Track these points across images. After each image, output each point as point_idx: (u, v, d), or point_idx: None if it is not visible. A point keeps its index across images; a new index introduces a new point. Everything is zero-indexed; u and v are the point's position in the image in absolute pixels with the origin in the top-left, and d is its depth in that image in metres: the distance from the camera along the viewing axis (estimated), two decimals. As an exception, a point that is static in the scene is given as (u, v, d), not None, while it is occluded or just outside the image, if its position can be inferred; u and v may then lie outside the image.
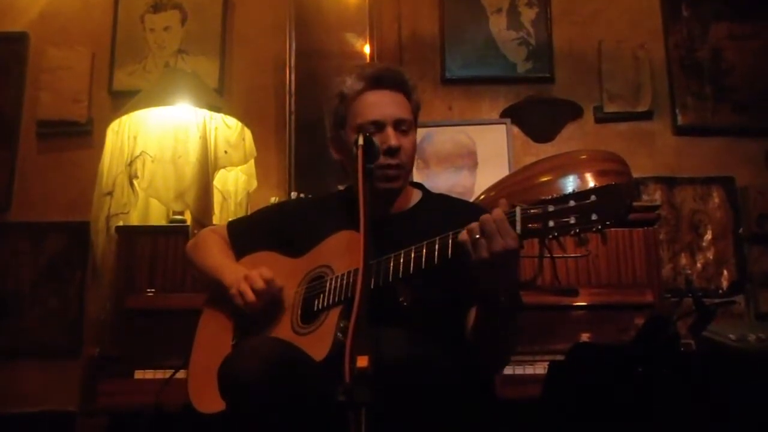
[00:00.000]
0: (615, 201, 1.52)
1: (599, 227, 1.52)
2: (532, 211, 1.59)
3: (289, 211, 2.30)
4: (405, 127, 2.02)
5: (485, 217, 1.63)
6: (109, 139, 3.31)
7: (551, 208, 1.56)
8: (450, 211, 2.04)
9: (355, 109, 2.03)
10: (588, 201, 1.53)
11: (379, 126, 1.99)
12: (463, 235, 1.65)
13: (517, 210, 1.60)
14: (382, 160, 1.96)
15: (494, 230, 1.60)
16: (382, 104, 2.02)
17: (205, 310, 2.19)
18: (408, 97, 2.06)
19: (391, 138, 1.98)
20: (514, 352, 2.05)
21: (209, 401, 1.83)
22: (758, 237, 3.62)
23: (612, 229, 2.37)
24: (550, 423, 2.03)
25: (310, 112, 3.57)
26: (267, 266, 2.01)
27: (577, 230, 1.54)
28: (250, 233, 2.24)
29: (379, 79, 2.04)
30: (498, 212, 1.62)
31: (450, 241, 1.69)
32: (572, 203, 1.54)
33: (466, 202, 2.40)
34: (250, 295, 1.94)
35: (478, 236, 1.62)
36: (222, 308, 2.10)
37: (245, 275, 1.97)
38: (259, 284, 1.94)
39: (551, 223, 1.56)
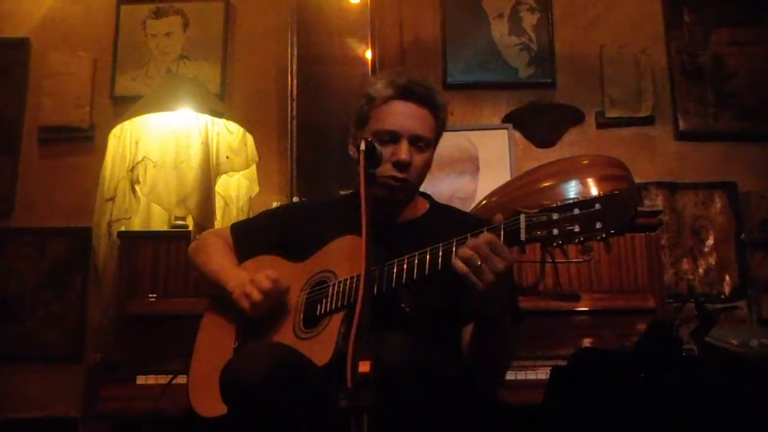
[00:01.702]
0: (619, 210, 1.52)
1: (603, 236, 1.52)
2: (536, 218, 1.59)
3: (293, 215, 2.29)
4: (422, 144, 2.02)
5: (476, 243, 1.63)
6: (111, 145, 3.32)
7: (555, 216, 1.56)
8: (454, 223, 2.03)
9: (378, 113, 2.03)
10: (592, 209, 1.53)
11: (394, 137, 1.99)
12: (462, 267, 1.65)
13: (522, 217, 1.60)
14: (390, 170, 1.96)
15: (488, 253, 1.61)
16: (404, 116, 2.01)
17: (207, 314, 2.19)
18: (435, 115, 2.05)
19: (403, 152, 1.97)
20: (511, 363, 2.05)
21: (211, 405, 1.83)
22: (760, 242, 3.61)
23: (614, 235, 2.36)
24: (552, 428, 2.03)
25: (312, 118, 3.57)
26: (270, 270, 2.01)
27: (581, 239, 1.54)
28: (253, 236, 2.24)
29: (410, 90, 2.02)
30: (490, 237, 1.63)
31: (454, 248, 1.69)
32: (576, 211, 1.54)
33: (470, 216, 2.40)
34: (257, 295, 1.92)
35: (479, 263, 1.63)
36: (224, 312, 2.10)
37: (251, 279, 1.96)
38: (266, 284, 1.93)
39: (555, 231, 1.56)
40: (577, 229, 1.54)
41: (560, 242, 1.56)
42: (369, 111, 2.05)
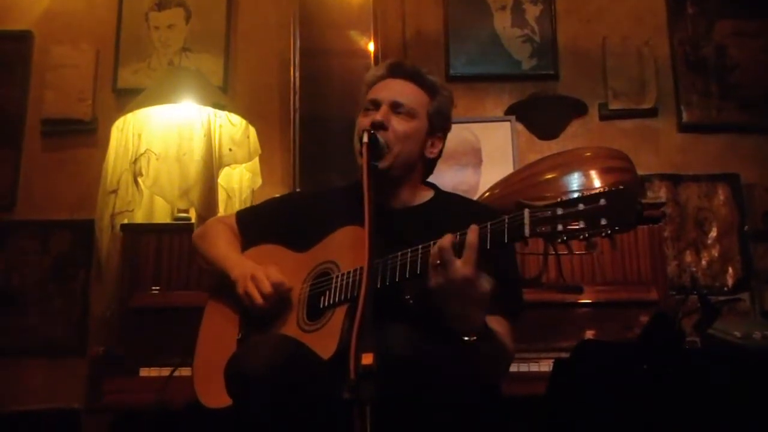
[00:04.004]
0: (625, 207, 1.50)
1: (608, 232, 1.50)
2: (540, 214, 1.58)
3: (297, 203, 2.31)
4: (403, 110, 2.03)
5: (442, 244, 1.65)
6: (114, 137, 3.32)
7: (560, 212, 1.55)
8: (461, 211, 2.03)
9: (368, 92, 2.10)
10: (597, 205, 1.52)
11: (376, 105, 2.04)
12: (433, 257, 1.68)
13: (526, 212, 1.59)
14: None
15: (445, 260, 1.65)
16: (388, 88, 2.08)
17: (210, 302, 2.19)
18: (427, 92, 2.09)
19: (379, 114, 2.00)
20: (505, 369, 1.99)
21: (215, 396, 1.83)
22: (763, 234, 3.61)
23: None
24: (555, 420, 2.03)
25: (315, 110, 3.57)
26: (272, 260, 2.01)
27: (586, 234, 1.53)
28: (258, 223, 2.24)
29: (398, 66, 2.11)
30: (443, 241, 1.65)
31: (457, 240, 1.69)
32: (581, 207, 1.53)
33: (477, 203, 2.39)
34: (258, 298, 1.93)
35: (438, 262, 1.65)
36: (227, 301, 2.10)
37: (252, 275, 1.96)
38: (267, 288, 1.93)
39: (560, 227, 1.55)
40: (581, 225, 1.52)
41: (564, 238, 1.55)
42: (366, 94, 2.12)
